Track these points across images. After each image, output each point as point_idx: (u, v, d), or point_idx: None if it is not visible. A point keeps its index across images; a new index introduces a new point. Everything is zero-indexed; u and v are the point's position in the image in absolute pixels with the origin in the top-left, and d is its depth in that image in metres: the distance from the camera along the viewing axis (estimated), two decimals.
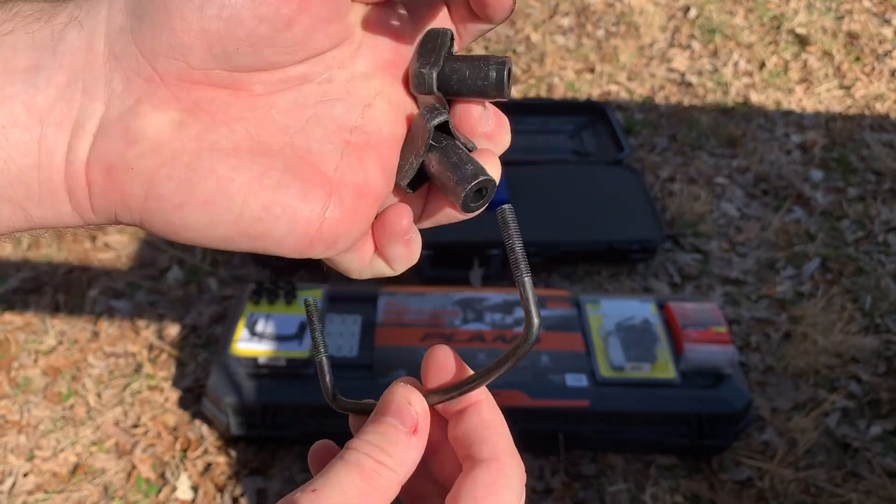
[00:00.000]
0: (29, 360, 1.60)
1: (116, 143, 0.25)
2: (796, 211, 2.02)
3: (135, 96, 0.25)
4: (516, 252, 0.28)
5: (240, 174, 0.26)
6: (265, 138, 0.27)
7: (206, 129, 0.26)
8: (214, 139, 0.26)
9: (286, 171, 0.26)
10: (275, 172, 0.26)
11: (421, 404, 0.30)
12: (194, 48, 0.25)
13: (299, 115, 0.28)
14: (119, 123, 0.25)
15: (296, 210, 0.26)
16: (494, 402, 0.31)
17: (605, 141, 2.17)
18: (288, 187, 0.26)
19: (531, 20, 2.83)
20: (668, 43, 2.72)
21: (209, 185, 0.26)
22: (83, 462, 1.42)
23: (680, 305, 1.50)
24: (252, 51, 0.26)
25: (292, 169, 0.27)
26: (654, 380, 1.39)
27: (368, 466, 0.28)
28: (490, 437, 0.29)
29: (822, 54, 2.64)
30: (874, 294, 1.77)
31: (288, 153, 0.27)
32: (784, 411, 1.51)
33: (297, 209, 0.26)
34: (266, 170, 0.26)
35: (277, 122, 0.27)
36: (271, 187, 0.26)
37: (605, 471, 1.41)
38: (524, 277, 0.28)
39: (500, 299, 1.55)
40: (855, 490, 1.38)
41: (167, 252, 1.85)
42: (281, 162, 0.27)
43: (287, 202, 0.26)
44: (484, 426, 0.30)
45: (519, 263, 0.28)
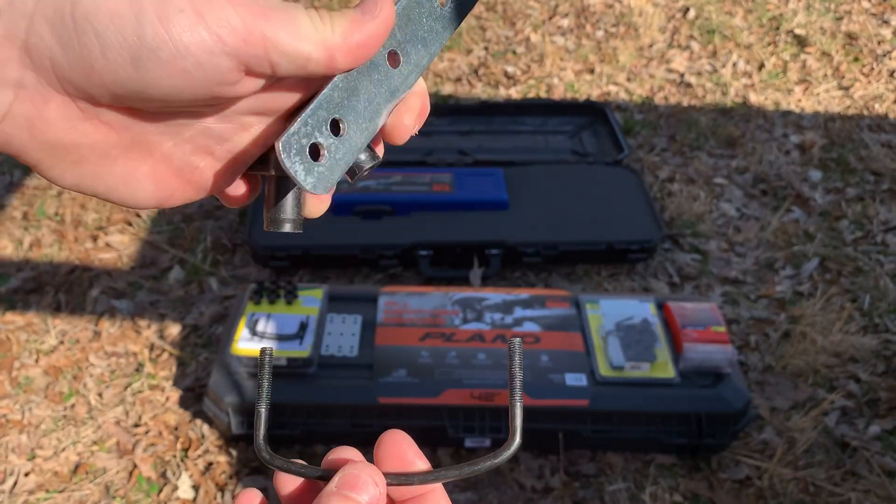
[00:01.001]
0: (30, 359, 1.60)
1: (21, 133, 0.29)
2: (795, 211, 2.02)
3: (43, 98, 0.28)
4: (515, 381, 0.33)
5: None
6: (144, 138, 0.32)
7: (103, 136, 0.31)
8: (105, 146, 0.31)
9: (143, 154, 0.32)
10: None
11: (383, 486, 0.32)
12: (102, 97, 0.28)
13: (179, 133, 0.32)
14: (27, 118, 0.28)
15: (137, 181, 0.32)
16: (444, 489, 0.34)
17: (605, 141, 2.18)
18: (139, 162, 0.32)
19: (531, 21, 2.84)
20: (667, 44, 2.72)
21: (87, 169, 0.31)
22: (84, 461, 1.42)
23: (679, 305, 1.50)
24: (155, 108, 0.30)
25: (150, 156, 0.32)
26: (654, 379, 1.39)
27: None
28: None
29: (820, 55, 2.64)
30: (873, 294, 1.78)
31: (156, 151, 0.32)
32: (783, 411, 1.52)
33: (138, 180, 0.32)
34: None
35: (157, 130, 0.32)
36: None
37: (604, 470, 1.41)
38: (517, 403, 0.33)
39: (499, 299, 1.55)
40: (854, 489, 1.38)
41: (168, 252, 1.86)
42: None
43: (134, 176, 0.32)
44: None
45: (516, 391, 0.33)
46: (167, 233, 1.91)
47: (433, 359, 1.42)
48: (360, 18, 0.30)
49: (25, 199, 2.01)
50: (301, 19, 0.29)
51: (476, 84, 2.52)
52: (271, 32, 0.28)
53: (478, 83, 2.53)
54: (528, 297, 1.56)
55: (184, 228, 1.92)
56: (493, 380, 1.38)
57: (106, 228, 1.93)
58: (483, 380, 1.38)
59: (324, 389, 1.38)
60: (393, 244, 1.78)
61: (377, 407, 1.36)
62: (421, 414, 1.37)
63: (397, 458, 0.33)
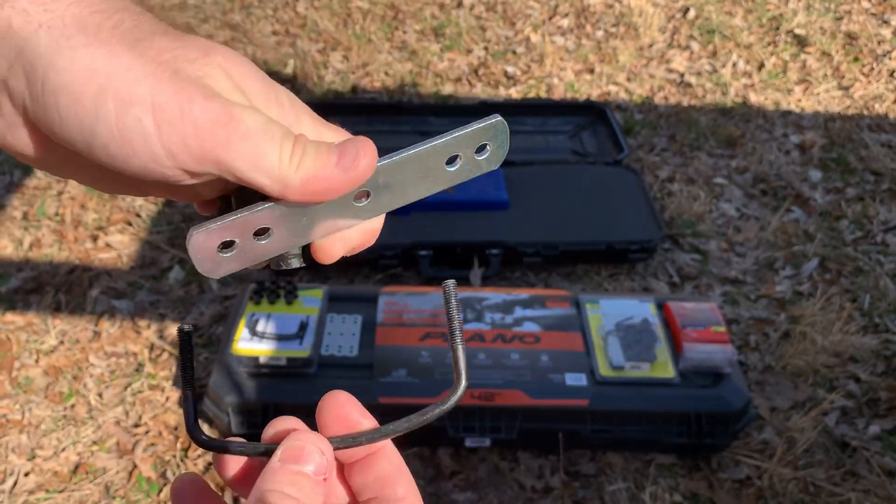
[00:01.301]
0: (30, 359, 1.60)
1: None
2: (795, 211, 2.02)
3: (15, 124, 0.29)
4: (454, 323, 0.31)
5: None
6: None
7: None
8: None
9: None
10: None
11: (330, 453, 0.31)
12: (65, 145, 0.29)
13: None
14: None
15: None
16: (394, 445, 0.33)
17: (605, 141, 2.18)
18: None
19: (531, 21, 2.84)
20: (667, 44, 2.72)
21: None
22: (84, 461, 1.42)
23: (679, 305, 1.50)
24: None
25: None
26: (654, 379, 1.39)
27: None
28: (402, 478, 0.32)
29: (820, 55, 2.64)
30: (873, 294, 1.78)
31: None
32: (783, 410, 1.52)
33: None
34: None
35: None
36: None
37: (604, 470, 1.41)
38: (458, 346, 0.31)
39: (499, 299, 1.55)
40: (854, 489, 1.38)
41: (168, 252, 1.86)
42: None
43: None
44: (396, 469, 0.32)
45: (455, 334, 0.31)
46: (167, 233, 1.91)
47: (433, 359, 1.42)
48: (331, 167, 0.29)
49: (25, 199, 2.01)
50: (268, 152, 0.28)
51: (476, 84, 2.52)
52: (228, 160, 0.28)
53: (478, 83, 2.53)
54: (528, 297, 1.56)
55: (184, 228, 1.92)
56: (493, 379, 1.38)
57: (106, 228, 1.93)
58: (483, 379, 1.38)
59: (324, 389, 1.36)
60: (393, 244, 1.78)
61: (377, 407, 1.36)
62: None
63: (341, 420, 0.32)
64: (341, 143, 0.30)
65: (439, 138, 0.33)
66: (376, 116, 2.26)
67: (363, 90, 2.48)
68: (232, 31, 2.77)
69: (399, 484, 0.32)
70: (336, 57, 2.63)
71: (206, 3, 2.94)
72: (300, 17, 2.86)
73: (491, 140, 0.34)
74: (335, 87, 2.49)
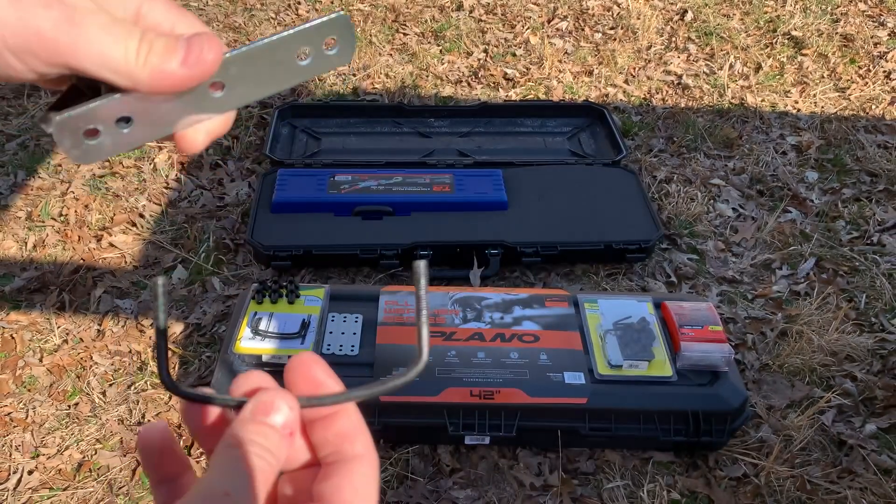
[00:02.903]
0: (34, 358, 1.62)
1: None
2: (792, 211, 2.04)
3: None
4: (421, 303, 0.33)
5: None
6: None
7: None
8: None
9: None
10: None
11: (297, 410, 0.32)
12: None
13: None
14: None
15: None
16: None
17: (603, 142, 2.20)
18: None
19: (530, 23, 2.85)
20: (664, 46, 2.74)
21: None
22: (88, 459, 1.44)
23: (677, 304, 1.52)
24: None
25: None
26: (652, 378, 1.41)
27: (260, 467, 0.30)
28: (360, 435, 0.33)
29: (817, 57, 2.66)
30: (869, 293, 1.80)
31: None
32: (780, 409, 1.53)
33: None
34: None
35: None
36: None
37: (602, 467, 1.43)
38: (423, 324, 0.33)
39: (499, 298, 1.57)
40: (850, 487, 1.40)
41: (171, 252, 1.87)
42: None
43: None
44: (355, 427, 0.33)
45: (422, 312, 0.33)
46: (170, 233, 1.93)
47: (433, 357, 1.43)
48: (177, 62, 0.31)
49: (30, 200, 2.03)
50: (113, 51, 0.29)
51: (476, 86, 2.54)
52: (76, 63, 0.29)
53: (477, 85, 2.54)
54: (527, 297, 1.57)
55: (187, 228, 1.94)
56: (493, 378, 1.39)
57: (110, 228, 1.94)
58: (482, 378, 1.39)
59: None
60: (393, 244, 1.80)
61: (377, 405, 1.38)
62: (421, 412, 1.39)
63: (308, 380, 0.34)
64: (188, 38, 0.32)
65: (285, 31, 0.35)
66: (377, 118, 2.27)
67: (364, 92, 2.49)
68: (234, 34, 2.78)
69: (357, 441, 0.33)
70: None
71: (209, 6, 2.95)
72: (302, 19, 2.88)
73: (336, 35, 0.36)
74: (336, 88, 2.50)
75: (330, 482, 0.33)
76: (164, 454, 0.33)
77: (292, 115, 2.26)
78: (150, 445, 0.33)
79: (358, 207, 1.88)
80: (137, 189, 2.07)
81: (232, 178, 2.11)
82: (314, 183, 1.93)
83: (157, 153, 2.20)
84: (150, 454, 0.33)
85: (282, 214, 1.86)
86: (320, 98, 2.45)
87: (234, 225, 1.95)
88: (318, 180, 1.94)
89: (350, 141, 2.22)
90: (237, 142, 2.24)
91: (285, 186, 1.91)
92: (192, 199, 2.04)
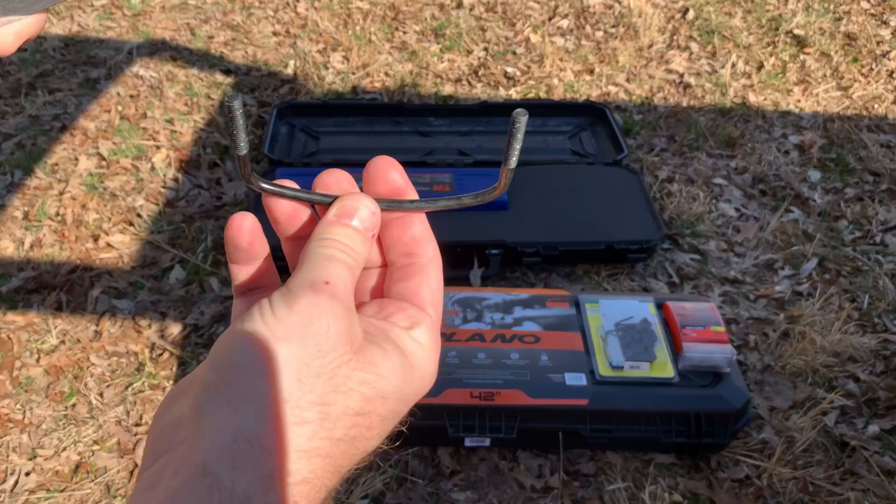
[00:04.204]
0: (31, 359, 1.61)
1: None
2: (794, 211, 2.03)
3: None
4: (514, 148, 0.34)
5: None
6: None
7: None
8: None
9: None
10: None
11: (378, 214, 0.36)
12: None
13: None
14: None
15: None
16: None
17: (604, 142, 2.18)
18: None
19: (531, 22, 2.84)
20: (666, 44, 2.73)
21: None
22: (85, 461, 1.43)
23: (679, 305, 1.50)
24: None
25: None
26: (653, 379, 1.40)
27: (349, 263, 0.33)
28: (431, 241, 0.37)
29: (819, 55, 2.65)
30: (872, 294, 1.78)
31: None
32: (782, 410, 1.52)
33: None
34: None
35: None
36: None
37: (603, 469, 1.42)
38: (511, 168, 0.35)
39: (499, 299, 1.56)
40: (853, 489, 1.39)
41: (169, 252, 1.86)
42: None
43: None
44: (427, 233, 0.37)
45: (511, 159, 0.35)
46: (168, 233, 1.92)
47: None
48: None
49: (27, 200, 2.02)
50: None
51: (476, 85, 2.53)
52: None
53: (478, 84, 2.53)
54: (527, 297, 1.56)
55: (185, 228, 1.93)
56: (493, 379, 1.38)
57: (107, 228, 1.93)
58: (483, 379, 1.38)
59: None
60: None
61: None
62: (421, 413, 1.37)
63: (388, 182, 0.36)
64: None
65: None
66: (376, 117, 2.26)
67: (363, 90, 2.48)
68: (233, 32, 2.77)
69: (430, 245, 0.37)
70: (336, 57, 2.63)
71: (207, 4, 2.94)
72: (300, 17, 2.86)
73: None
74: (335, 87, 2.49)
75: (410, 283, 0.36)
76: (255, 236, 0.36)
77: (291, 114, 2.24)
78: (241, 230, 0.36)
79: None
80: (135, 188, 2.06)
81: (230, 177, 2.10)
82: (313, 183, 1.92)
83: (155, 153, 2.19)
84: (241, 238, 0.36)
85: None
86: (319, 97, 2.44)
87: None
88: None
89: (349, 140, 2.21)
90: None
91: None
92: (189, 199, 2.03)
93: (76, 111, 2.34)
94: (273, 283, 0.38)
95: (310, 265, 0.33)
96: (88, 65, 2.56)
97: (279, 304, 0.31)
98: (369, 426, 0.32)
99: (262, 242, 0.37)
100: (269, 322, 0.31)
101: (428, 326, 0.36)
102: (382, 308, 0.36)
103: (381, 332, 0.34)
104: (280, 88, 2.48)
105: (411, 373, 0.34)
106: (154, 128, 2.28)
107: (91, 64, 2.57)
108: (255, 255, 0.37)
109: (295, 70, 2.56)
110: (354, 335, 0.32)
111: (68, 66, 2.55)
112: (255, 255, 0.37)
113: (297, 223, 0.37)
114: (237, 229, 0.36)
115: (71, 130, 2.26)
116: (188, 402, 0.32)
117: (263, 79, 2.53)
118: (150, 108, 2.36)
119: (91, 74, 2.50)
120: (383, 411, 0.33)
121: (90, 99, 2.39)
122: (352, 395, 0.31)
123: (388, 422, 0.34)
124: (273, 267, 0.38)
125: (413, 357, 0.34)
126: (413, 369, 0.34)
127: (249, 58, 2.62)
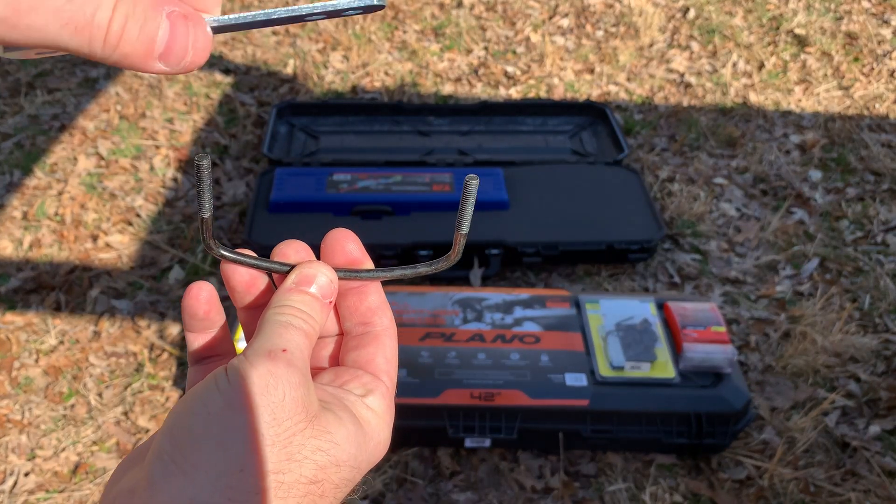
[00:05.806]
0: (30, 359, 1.60)
1: None
2: (795, 211, 2.02)
3: None
4: (465, 214, 0.36)
5: None
6: None
7: None
8: None
9: None
10: None
11: (336, 282, 0.37)
12: None
13: None
14: None
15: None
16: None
17: (605, 141, 2.18)
18: None
19: (531, 21, 2.84)
20: (667, 44, 2.72)
21: None
22: (84, 461, 1.42)
23: (679, 305, 1.50)
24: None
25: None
26: (654, 379, 1.39)
27: (306, 330, 0.34)
28: (387, 310, 0.38)
29: (820, 55, 2.64)
30: (873, 294, 1.78)
31: None
32: (783, 410, 1.52)
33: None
34: None
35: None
36: None
37: (604, 470, 1.41)
38: (463, 234, 0.36)
39: (499, 299, 1.55)
40: (854, 489, 1.38)
41: (168, 252, 1.86)
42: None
43: None
44: (382, 303, 0.38)
45: (463, 224, 0.36)
46: (167, 233, 1.91)
47: (433, 359, 1.42)
48: None
49: (25, 199, 2.01)
50: None
51: (476, 84, 2.52)
52: None
53: (478, 83, 2.53)
54: (528, 297, 1.56)
55: (184, 228, 1.92)
56: (493, 379, 1.38)
57: (106, 228, 1.93)
58: (483, 380, 1.38)
59: None
60: (393, 244, 1.78)
61: None
62: (421, 414, 1.37)
63: (345, 253, 0.37)
64: None
65: None
66: (376, 116, 2.26)
67: (363, 90, 2.48)
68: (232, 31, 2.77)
69: (386, 314, 0.38)
70: (336, 57, 2.63)
71: None
72: None
73: None
74: (335, 86, 2.49)
75: (365, 350, 0.37)
76: (212, 305, 0.37)
77: (290, 113, 2.24)
78: (198, 299, 0.36)
79: (357, 207, 1.86)
80: (134, 188, 2.05)
81: (229, 177, 2.10)
82: (312, 182, 1.91)
83: (155, 153, 2.19)
84: (198, 307, 0.37)
85: (279, 214, 1.85)
86: (319, 96, 2.43)
87: (231, 225, 1.93)
88: (317, 179, 1.92)
89: (349, 140, 2.20)
90: (235, 140, 2.23)
91: (283, 186, 1.90)
92: (188, 199, 2.02)
93: (75, 111, 2.33)
94: (228, 351, 0.39)
95: (267, 332, 0.33)
96: (87, 64, 2.56)
97: (235, 373, 0.31)
98: (322, 494, 0.32)
99: (219, 311, 0.37)
100: (225, 390, 0.31)
101: (382, 394, 0.36)
102: (338, 376, 0.37)
103: (336, 400, 0.35)
104: (279, 88, 2.48)
105: (365, 440, 0.34)
106: (153, 127, 2.28)
107: (90, 63, 2.56)
108: (212, 323, 0.38)
109: (294, 69, 2.56)
110: (310, 403, 0.32)
111: (67, 65, 2.55)
112: (212, 323, 0.38)
113: (253, 292, 0.37)
114: (194, 298, 0.36)
115: (70, 130, 2.26)
116: (140, 471, 0.32)
117: (263, 78, 2.52)
118: (150, 107, 2.36)
119: (90, 74, 2.50)
120: (336, 479, 0.33)
121: (89, 98, 2.39)
122: (306, 463, 0.32)
123: (341, 490, 0.34)
124: (229, 335, 0.39)
125: (367, 425, 0.35)
126: (367, 437, 0.35)
127: (249, 57, 2.62)
